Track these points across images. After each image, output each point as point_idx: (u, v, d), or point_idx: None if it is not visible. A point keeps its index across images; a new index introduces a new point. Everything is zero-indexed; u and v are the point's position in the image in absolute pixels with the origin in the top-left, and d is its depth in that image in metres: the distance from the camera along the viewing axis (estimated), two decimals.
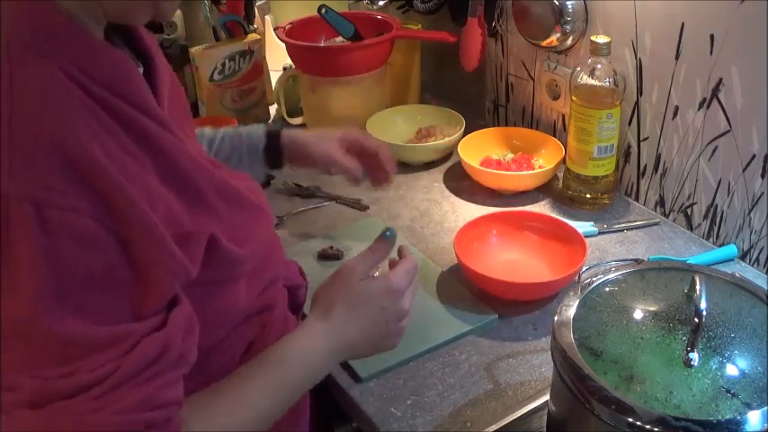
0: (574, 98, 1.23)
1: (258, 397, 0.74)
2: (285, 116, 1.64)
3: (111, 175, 0.61)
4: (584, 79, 1.22)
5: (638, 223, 1.25)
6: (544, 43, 1.35)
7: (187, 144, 0.73)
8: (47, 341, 0.60)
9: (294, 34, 1.57)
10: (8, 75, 0.59)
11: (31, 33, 0.62)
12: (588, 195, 1.29)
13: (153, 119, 0.68)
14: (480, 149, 1.42)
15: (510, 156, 1.41)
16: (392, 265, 0.87)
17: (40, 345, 0.60)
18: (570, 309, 0.74)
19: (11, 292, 0.59)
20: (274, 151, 1.11)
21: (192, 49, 1.57)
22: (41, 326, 0.59)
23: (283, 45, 1.57)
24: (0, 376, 0.60)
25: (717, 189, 1.16)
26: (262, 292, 0.84)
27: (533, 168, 1.36)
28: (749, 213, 1.12)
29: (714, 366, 0.66)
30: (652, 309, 0.74)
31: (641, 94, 1.23)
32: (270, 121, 1.71)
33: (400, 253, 0.88)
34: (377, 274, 0.91)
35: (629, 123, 1.27)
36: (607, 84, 1.20)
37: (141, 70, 0.76)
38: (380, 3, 1.67)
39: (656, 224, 1.25)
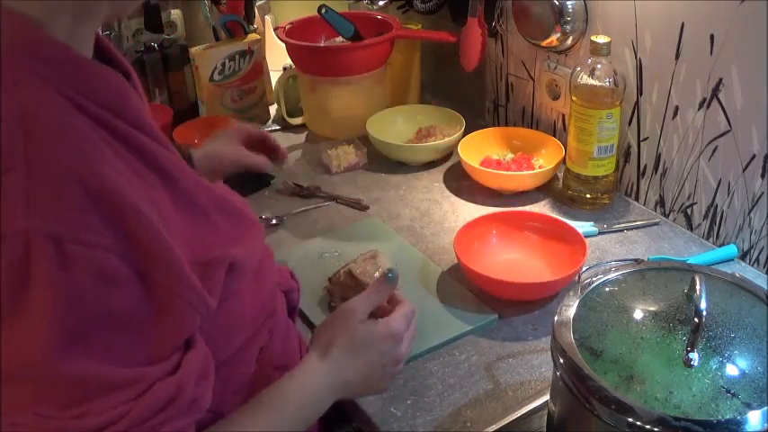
0: (574, 98, 1.23)
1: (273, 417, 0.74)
2: (285, 116, 1.65)
3: (130, 203, 0.59)
4: (584, 79, 1.22)
5: (638, 223, 1.25)
6: (544, 43, 1.35)
7: (181, 160, 0.71)
8: (57, 382, 0.58)
9: (294, 34, 1.57)
10: (16, 104, 0.57)
11: (30, 60, 0.60)
12: (588, 195, 1.29)
13: (150, 136, 0.67)
14: (480, 149, 1.42)
15: (510, 156, 1.41)
16: (386, 311, 0.86)
17: (50, 385, 0.58)
18: (570, 309, 0.74)
19: (24, 329, 0.57)
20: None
21: (192, 49, 1.57)
22: (53, 365, 0.57)
23: (283, 45, 1.57)
24: (11, 413, 0.58)
25: (717, 189, 1.16)
26: (264, 300, 0.84)
27: (533, 168, 1.36)
28: (749, 213, 1.12)
29: (714, 366, 0.66)
30: (652, 309, 0.74)
31: (641, 94, 1.23)
32: (270, 121, 1.71)
33: (392, 299, 0.87)
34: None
35: (629, 123, 1.27)
36: (607, 84, 1.20)
37: None
38: (380, 3, 1.67)
39: (656, 224, 1.25)
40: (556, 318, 0.74)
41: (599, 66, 1.20)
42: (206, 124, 1.57)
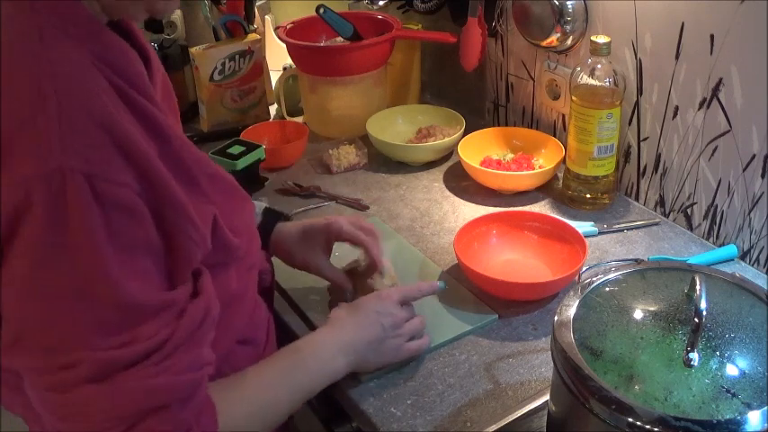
0: (574, 98, 1.23)
1: (276, 380, 0.82)
2: (285, 116, 1.65)
3: (145, 152, 0.65)
4: (584, 79, 1.22)
5: (638, 223, 1.25)
6: (544, 43, 1.35)
7: (181, 133, 0.78)
8: (109, 308, 0.63)
9: (295, 34, 1.57)
10: (47, 58, 0.63)
11: (62, 21, 0.66)
12: (588, 195, 1.29)
13: (157, 107, 0.72)
14: (480, 149, 1.42)
15: (510, 156, 1.41)
16: None
17: (103, 312, 0.63)
18: (570, 309, 0.74)
19: (69, 262, 0.61)
20: (264, 234, 1.03)
21: (192, 49, 1.57)
22: (105, 292, 0.62)
23: (283, 45, 1.57)
24: (58, 355, 0.63)
25: (717, 189, 1.16)
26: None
27: (533, 168, 1.36)
28: (749, 213, 1.12)
29: (714, 366, 0.66)
30: (652, 309, 0.74)
31: (641, 94, 1.23)
32: (270, 121, 1.71)
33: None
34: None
35: (629, 123, 1.27)
36: (607, 84, 1.20)
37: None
38: (380, 3, 1.67)
39: (656, 224, 1.25)
40: (556, 318, 0.74)
41: (599, 66, 1.20)
42: (277, 127, 1.57)
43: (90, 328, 0.63)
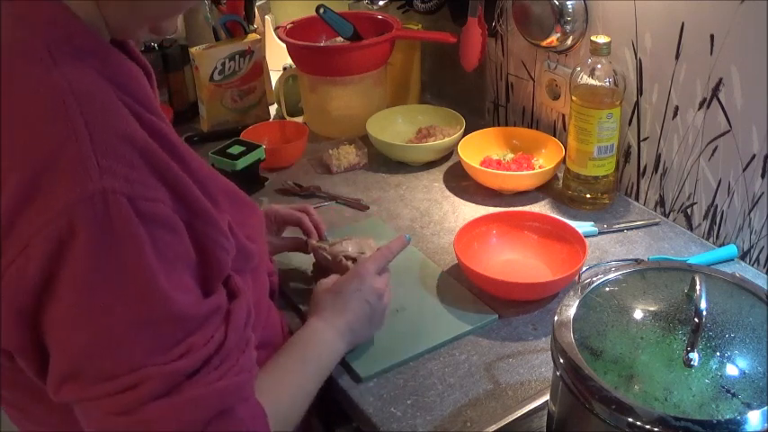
0: (574, 98, 1.23)
1: (295, 367, 0.85)
2: (285, 116, 1.65)
3: (172, 166, 0.66)
4: (584, 79, 1.22)
5: (638, 223, 1.25)
6: (544, 43, 1.35)
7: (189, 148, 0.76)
8: (165, 323, 0.64)
9: (295, 34, 1.57)
10: (65, 77, 0.62)
11: (67, 40, 0.65)
12: (588, 195, 1.29)
13: (164, 123, 0.71)
14: (480, 149, 1.42)
15: (510, 156, 1.41)
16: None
17: (160, 328, 0.64)
18: (570, 309, 0.74)
19: (122, 284, 0.61)
20: None
21: (192, 49, 1.57)
22: (160, 308, 0.63)
23: (283, 45, 1.57)
24: (119, 378, 0.63)
25: (717, 189, 1.16)
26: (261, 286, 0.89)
27: (533, 168, 1.36)
28: (749, 213, 1.12)
29: (714, 366, 0.66)
30: (652, 309, 0.74)
31: (641, 94, 1.23)
32: (270, 120, 1.71)
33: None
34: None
35: (629, 123, 1.27)
36: (607, 84, 1.20)
37: None
38: (380, 3, 1.67)
39: (656, 224, 1.25)
40: (556, 318, 0.74)
41: (599, 66, 1.20)
42: (277, 127, 1.57)
43: (151, 346, 0.63)
